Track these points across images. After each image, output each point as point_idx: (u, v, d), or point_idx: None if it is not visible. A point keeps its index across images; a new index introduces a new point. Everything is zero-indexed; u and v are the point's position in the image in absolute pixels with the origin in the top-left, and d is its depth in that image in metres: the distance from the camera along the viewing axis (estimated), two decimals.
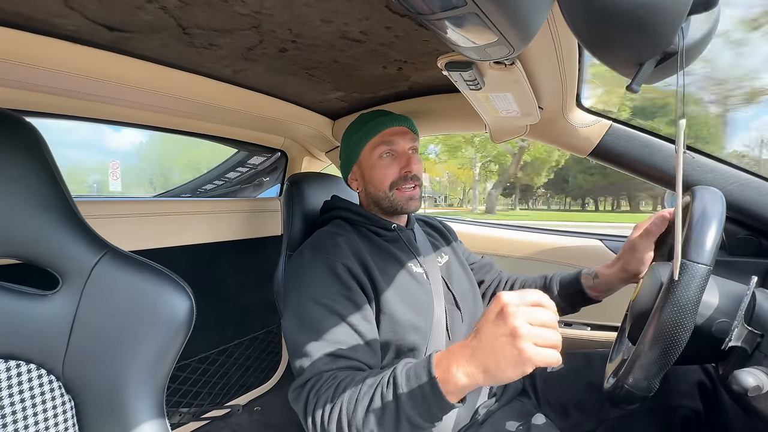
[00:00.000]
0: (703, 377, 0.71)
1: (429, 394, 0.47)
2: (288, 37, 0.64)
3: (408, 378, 0.50)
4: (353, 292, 0.66)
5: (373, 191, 0.80)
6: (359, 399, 0.52)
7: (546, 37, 0.52)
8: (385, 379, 0.52)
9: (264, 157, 1.47)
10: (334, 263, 0.67)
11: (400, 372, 0.51)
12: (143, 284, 0.48)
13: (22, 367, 0.41)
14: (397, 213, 0.81)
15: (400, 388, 0.50)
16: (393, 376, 0.51)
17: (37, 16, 0.54)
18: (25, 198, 0.42)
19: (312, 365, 0.59)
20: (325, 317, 0.62)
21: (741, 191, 0.78)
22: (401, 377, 0.50)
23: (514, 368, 0.42)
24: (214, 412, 1.19)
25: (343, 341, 0.61)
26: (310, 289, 0.66)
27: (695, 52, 0.36)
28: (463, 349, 0.47)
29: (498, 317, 0.43)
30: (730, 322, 0.49)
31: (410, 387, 0.49)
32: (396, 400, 0.49)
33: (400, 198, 0.78)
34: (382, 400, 0.50)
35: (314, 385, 0.57)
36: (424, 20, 0.36)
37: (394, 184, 0.78)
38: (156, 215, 1.00)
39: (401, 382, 0.50)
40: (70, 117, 0.89)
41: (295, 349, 0.62)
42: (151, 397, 0.48)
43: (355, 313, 0.64)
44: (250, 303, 1.30)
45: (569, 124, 0.84)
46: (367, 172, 0.81)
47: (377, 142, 0.79)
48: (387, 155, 0.79)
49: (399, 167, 0.78)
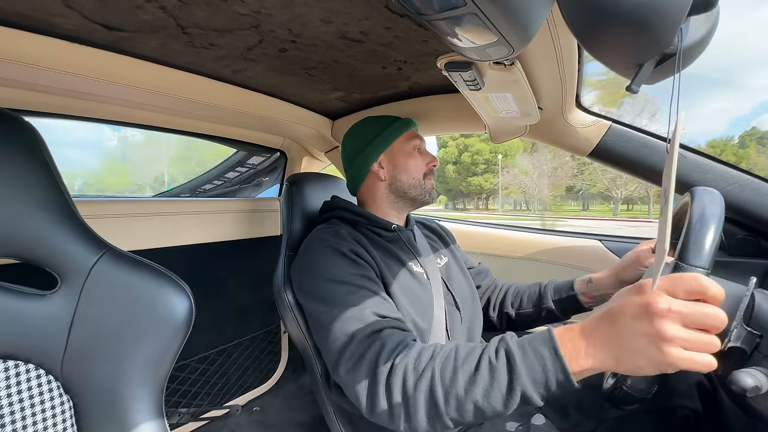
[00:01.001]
0: (702, 378, 0.71)
1: (552, 371, 0.43)
2: (288, 37, 0.64)
3: (524, 350, 0.46)
4: (368, 271, 0.67)
5: (406, 179, 0.83)
6: (457, 367, 0.48)
7: (546, 38, 0.52)
8: (492, 348, 0.49)
9: (263, 157, 1.47)
10: (342, 247, 0.68)
11: (512, 343, 0.48)
12: (142, 284, 0.48)
13: (21, 367, 0.41)
14: (422, 202, 0.86)
15: (514, 359, 0.46)
16: (505, 348, 0.48)
17: (36, 15, 0.54)
18: (24, 198, 0.41)
19: (355, 335, 0.56)
20: (350, 294, 0.62)
21: (740, 192, 0.78)
22: (515, 348, 0.47)
23: (652, 368, 0.38)
24: (213, 412, 1.19)
25: (376, 307, 0.60)
26: (326, 273, 0.66)
27: (694, 52, 0.36)
28: (596, 331, 0.43)
29: (642, 312, 0.37)
30: (729, 322, 0.49)
31: (528, 361, 0.45)
32: (510, 372, 0.45)
33: (429, 186, 0.84)
34: (492, 371, 0.47)
35: (375, 352, 0.53)
36: (424, 20, 0.36)
37: (426, 174, 0.84)
38: (155, 215, 1.00)
39: (516, 354, 0.46)
40: (69, 117, 0.89)
41: (329, 330, 0.60)
42: (150, 398, 0.48)
43: (376, 287, 0.65)
44: (249, 303, 1.30)
45: (569, 124, 0.84)
46: (402, 160, 0.83)
47: (411, 136, 0.85)
48: (417, 150, 0.85)
49: (425, 161, 0.85)
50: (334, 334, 0.59)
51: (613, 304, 0.42)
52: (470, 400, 0.47)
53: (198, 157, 6.92)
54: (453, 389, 0.47)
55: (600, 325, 0.43)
